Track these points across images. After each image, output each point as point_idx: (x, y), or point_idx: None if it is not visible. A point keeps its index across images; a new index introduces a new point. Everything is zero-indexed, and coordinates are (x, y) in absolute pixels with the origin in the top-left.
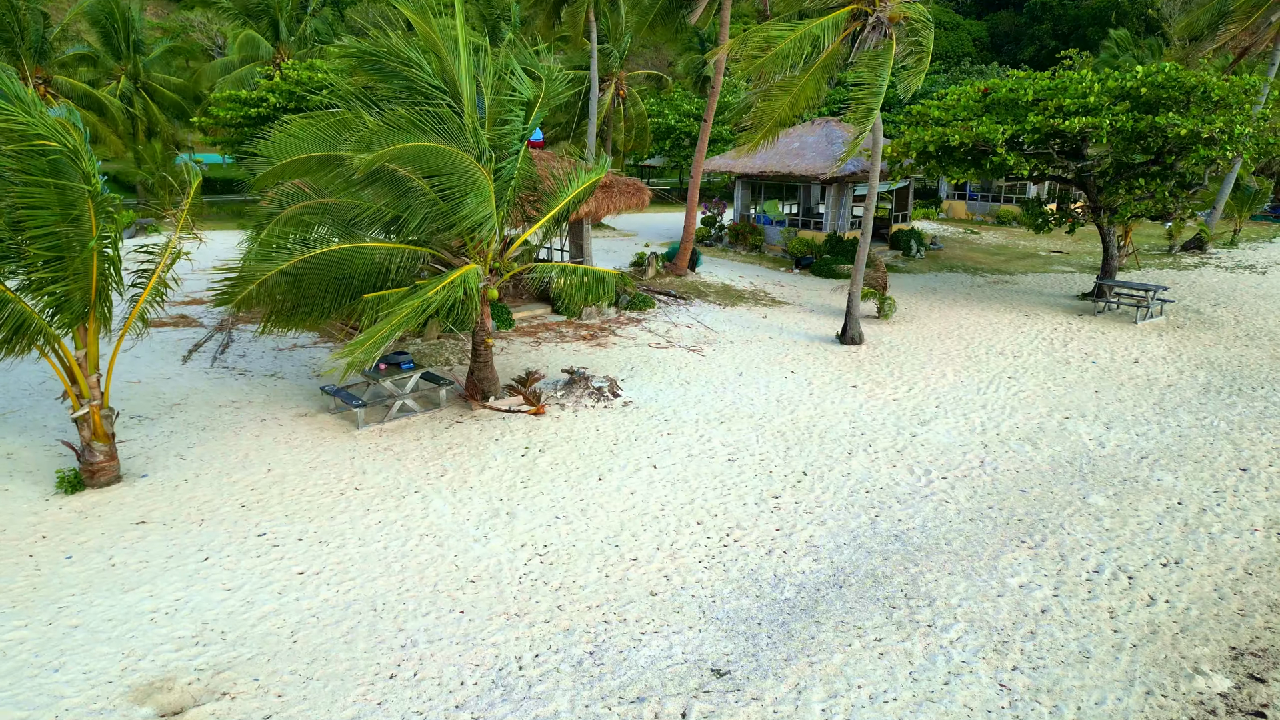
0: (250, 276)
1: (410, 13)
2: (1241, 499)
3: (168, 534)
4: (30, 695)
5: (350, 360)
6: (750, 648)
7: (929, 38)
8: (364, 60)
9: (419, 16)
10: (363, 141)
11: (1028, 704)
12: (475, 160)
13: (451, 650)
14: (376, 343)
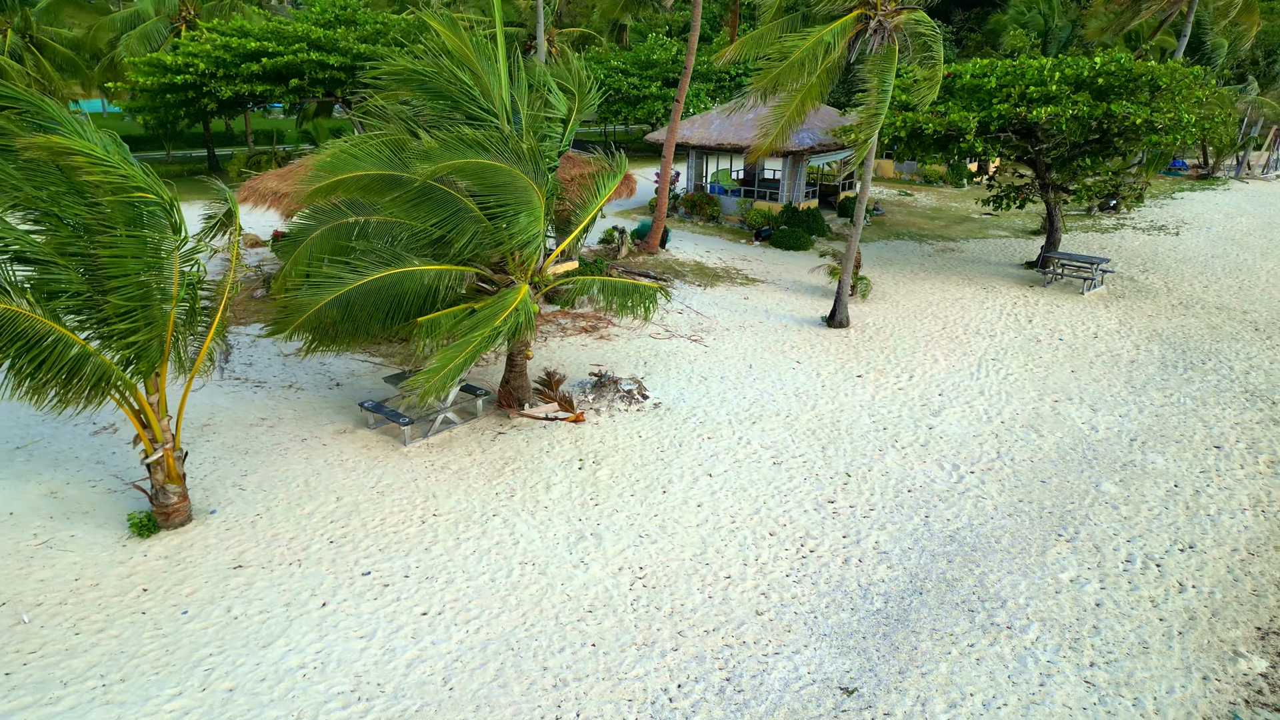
0: (302, 307)
1: (443, 29)
2: (1224, 478)
3: (272, 578)
4: None
5: (426, 390)
6: (865, 663)
7: (939, 49)
8: (411, 79)
9: (451, 31)
10: (426, 154)
11: (1114, 698)
12: (531, 180)
13: (601, 688)
14: (452, 373)
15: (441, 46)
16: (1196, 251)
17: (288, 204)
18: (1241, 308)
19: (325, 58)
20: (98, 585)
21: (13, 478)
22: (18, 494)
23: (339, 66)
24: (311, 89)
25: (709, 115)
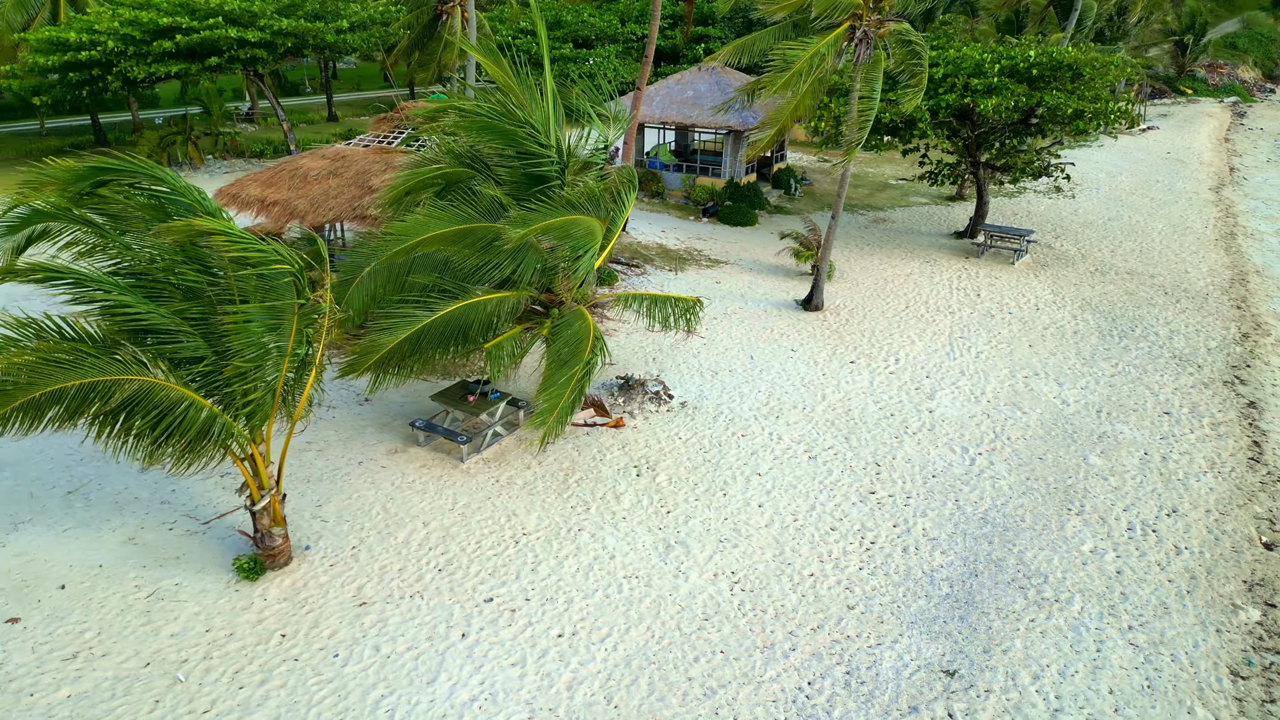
0: (378, 346)
1: (489, 64)
2: (1181, 442)
3: (401, 613)
4: None
5: (547, 430)
6: (954, 646)
7: (925, 56)
8: (475, 122)
9: (495, 64)
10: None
11: (1158, 656)
12: (599, 220)
13: (745, 692)
14: (563, 413)
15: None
16: (1094, 215)
17: (278, 214)
18: (1148, 272)
19: (244, 33)
20: (233, 635)
21: (82, 526)
22: (95, 543)
23: (258, 42)
24: (230, 66)
25: (649, 92)
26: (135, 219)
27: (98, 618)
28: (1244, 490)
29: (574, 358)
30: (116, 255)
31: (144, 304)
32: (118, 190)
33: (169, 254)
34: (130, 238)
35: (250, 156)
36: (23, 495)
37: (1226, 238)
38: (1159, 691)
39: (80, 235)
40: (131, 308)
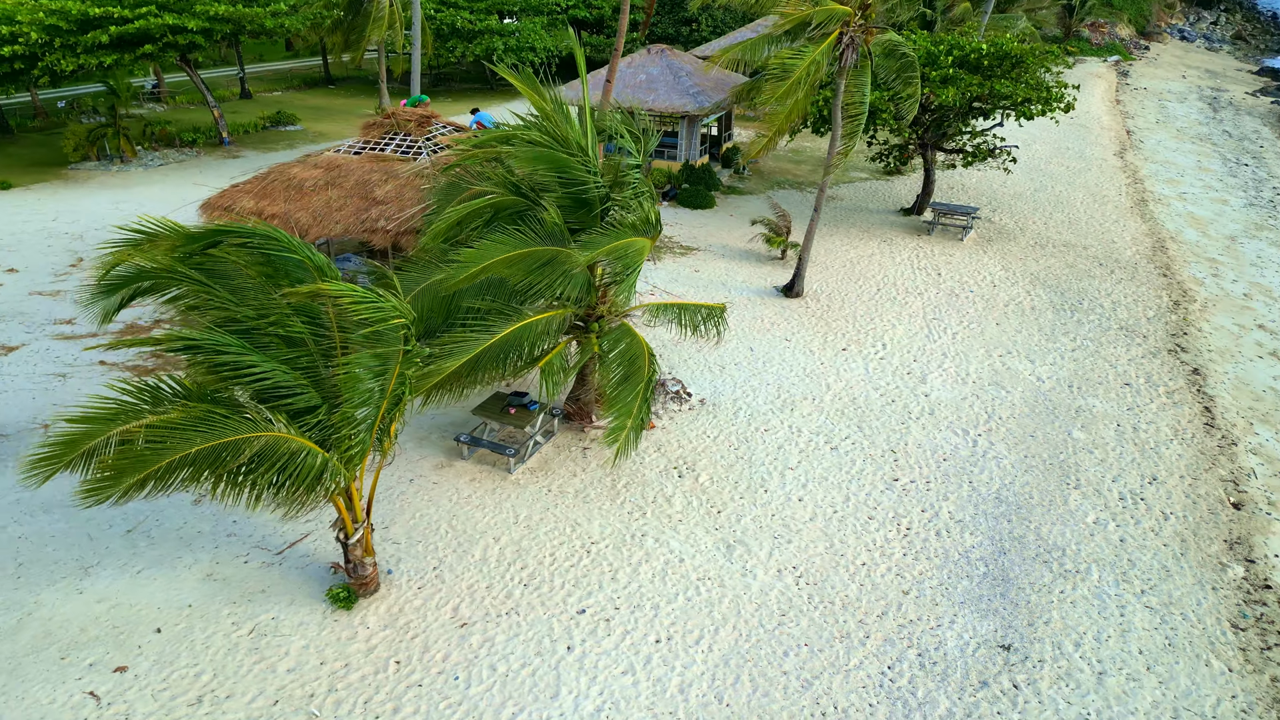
0: (438, 371)
1: (531, 94)
2: (1145, 412)
3: (503, 630)
4: None
5: (620, 447)
6: (1003, 621)
7: (917, 65)
8: (534, 153)
9: (535, 93)
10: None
11: (1171, 616)
12: (647, 239)
13: (837, 680)
14: (634, 428)
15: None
16: (1022, 186)
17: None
18: (1080, 243)
19: (181, 20)
20: (348, 665)
21: (154, 565)
22: (175, 582)
23: (197, 30)
24: (164, 54)
25: (601, 74)
26: (241, 276)
27: (208, 659)
28: (1206, 455)
29: (635, 373)
30: (224, 312)
31: (269, 362)
32: (228, 250)
33: (279, 309)
34: (230, 291)
35: (182, 145)
36: (80, 537)
37: (1139, 205)
38: (1179, 648)
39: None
40: (257, 367)
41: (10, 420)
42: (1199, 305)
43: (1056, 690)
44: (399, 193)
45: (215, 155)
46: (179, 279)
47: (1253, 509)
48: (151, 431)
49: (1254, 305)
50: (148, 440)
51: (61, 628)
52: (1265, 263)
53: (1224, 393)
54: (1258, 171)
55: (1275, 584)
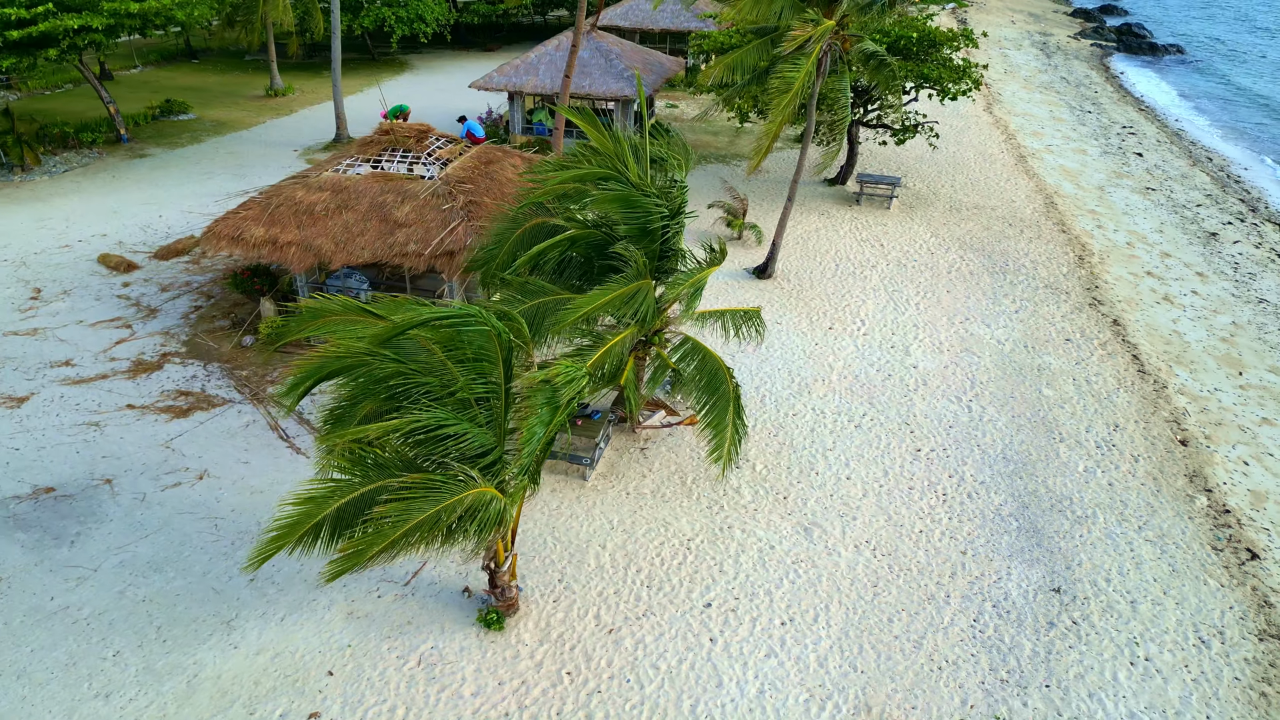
0: None
1: (587, 128)
2: (1089, 365)
3: (649, 631)
4: None
5: (725, 459)
6: (1047, 569)
7: (899, 73)
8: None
9: (595, 129)
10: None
11: (1168, 546)
12: (716, 264)
13: (942, 639)
14: (734, 439)
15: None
16: (920, 149)
17: (298, 256)
18: (988, 205)
19: (85, 19)
20: (525, 682)
21: (294, 610)
22: (322, 624)
23: (102, 28)
24: (69, 56)
25: (530, 61)
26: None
27: (392, 694)
28: (1148, 400)
29: (720, 386)
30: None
31: (469, 425)
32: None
33: (464, 376)
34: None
35: (81, 147)
36: (206, 592)
37: (1020, 161)
38: (1181, 573)
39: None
40: (468, 434)
41: (68, 478)
42: (1097, 258)
43: (1105, 621)
44: (420, 214)
45: (119, 155)
46: (376, 362)
47: (1195, 444)
48: (393, 506)
49: (1138, 253)
50: (391, 514)
51: (234, 684)
52: (1134, 210)
53: (1142, 340)
54: (1100, 118)
55: (1232, 507)
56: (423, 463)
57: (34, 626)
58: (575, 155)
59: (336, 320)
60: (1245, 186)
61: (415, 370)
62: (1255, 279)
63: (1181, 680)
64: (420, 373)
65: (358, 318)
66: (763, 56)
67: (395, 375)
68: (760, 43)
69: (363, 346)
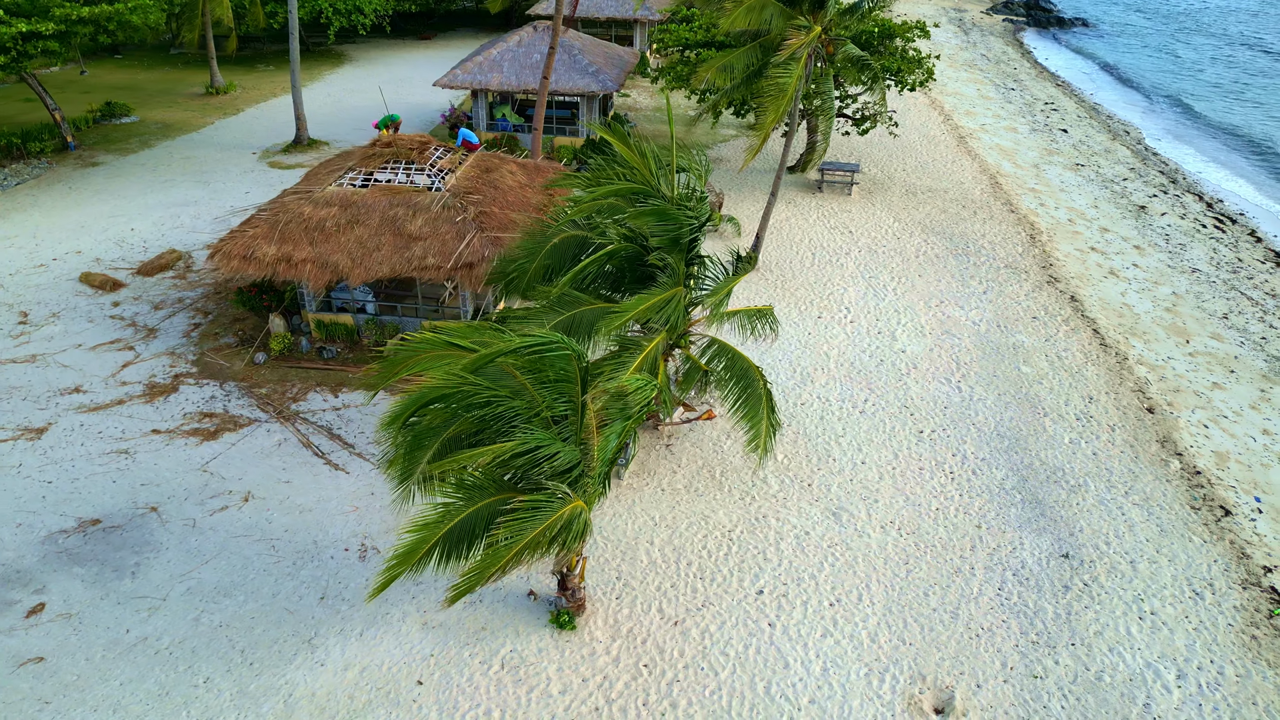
0: None
1: (622, 147)
2: (1056, 341)
3: (711, 620)
4: None
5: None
6: (1054, 536)
7: (880, 77)
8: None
9: (627, 147)
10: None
11: (1153, 508)
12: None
13: (973, 607)
14: (769, 432)
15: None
16: (871, 137)
17: (315, 272)
18: (940, 187)
19: (37, 25)
20: (607, 677)
21: (370, 624)
22: (400, 636)
23: (53, 35)
24: (20, 64)
25: (493, 58)
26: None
27: (484, 698)
28: (1113, 371)
29: (752, 384)
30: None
31: (566, 447)
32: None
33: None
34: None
35: (28, 158)
36: (280, 614)
37: (961, 142)
38: (1169, 533)
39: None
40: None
41: (111, 508)
42: (1046, 236)
43: (1112, 581)
44: (433, 227)
45: (69, 164)
46: (471, 389)
47: (1161, 412)
48: (508, 526)
49: (1080, 229)
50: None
51: (330, 700)
52: (1069, 187)
53: (1098, 314)
54: (1024, 95)
55: (1202, 469)
56: (515, 482)
57: (117, 659)
58: (601, 169)
59: (426, 356)
60: (1163, 159)
61: (506, 395)
62: (1186, 249)
63: (1185, 630)
64: (509, 397)
65: (445, 351)
66: (753, 60)
67: (488, 401)
68: (750, 47)
69: (460, 376)
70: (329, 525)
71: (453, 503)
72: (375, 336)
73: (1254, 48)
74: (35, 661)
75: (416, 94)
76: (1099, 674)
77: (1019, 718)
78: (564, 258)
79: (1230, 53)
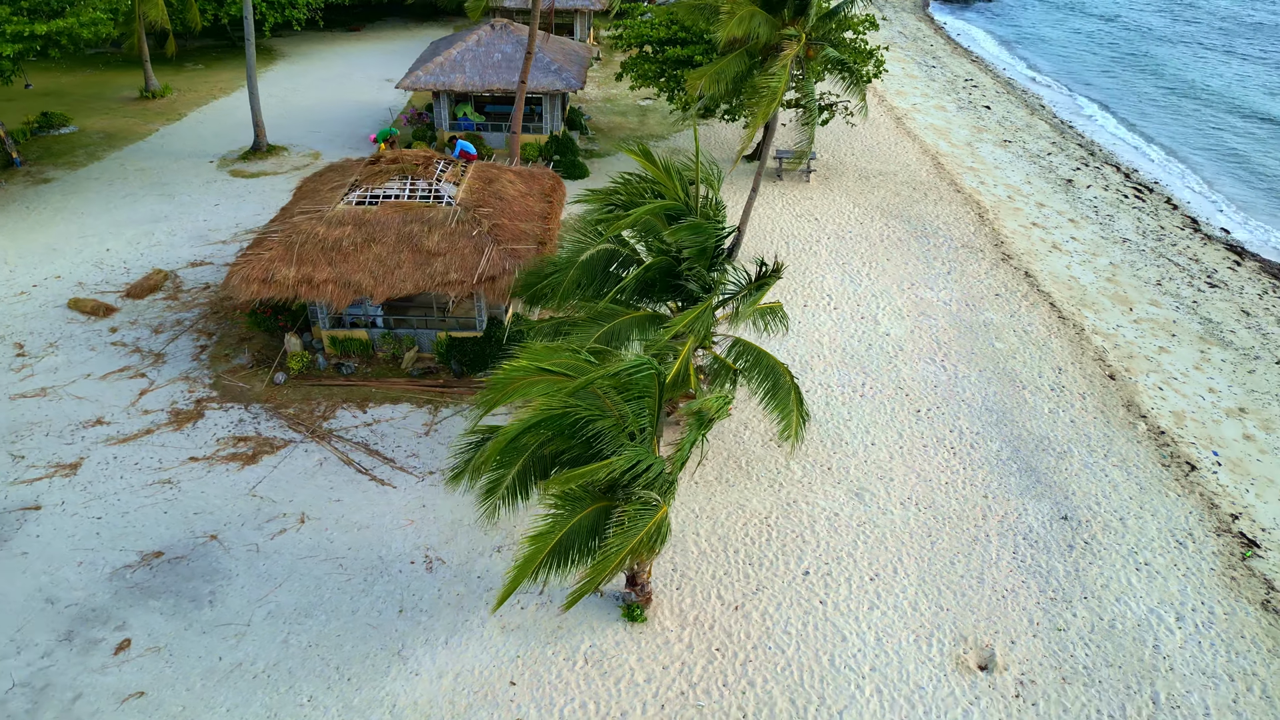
0: None
1: (650, 167)
2: (1020, 317)
3: (769, 602)
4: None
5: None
6: (1051, 501)
7: (861, 77)
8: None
9: (654, 167)
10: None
11: (1131, 468)
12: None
13: (994, 571)
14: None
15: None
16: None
17: (338, 293)
18: (889, 170)
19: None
20: (685, 663)
21: (453, 632)
22: (485, 641)
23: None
24: None
25: (454, 59)
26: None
27: (577, 691)
28: (1074, 342)
29: (780, 379)
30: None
31: (658, 459)
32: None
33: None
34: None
35: None
36: (364, 629)
37: (899, 123)
38: (1148, 490)
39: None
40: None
41: (170, 539)
42: (992, 214)
43: (1108, 538)
44: (450, 242)
45: (18, 182)
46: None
47: (1121, 378)
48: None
49: (1019, 206)
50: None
51: (433, 708)
52: (1002, 164)
53: (1052, 288)
54: (944, 72)
55: (1165, 429)
56: (605, 492)
57: (217, 687)
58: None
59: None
60: (1078, 131)
61: (600, 413)
62: (1114, 220)
63: (1176, 577)
64: (603, 415)
65: (539, 377)
66: (741, 66)
67: (589, 420)
68: (739, 54)
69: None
70: (389, 540)
71: (559, 514)
72: (393, 349)
73: (1132, 29)
74: (137, 696)
75: (361, 91)
76: (1112, 622)
77: (1053, 667)
78: (594, 271)
79: (1111, 30)
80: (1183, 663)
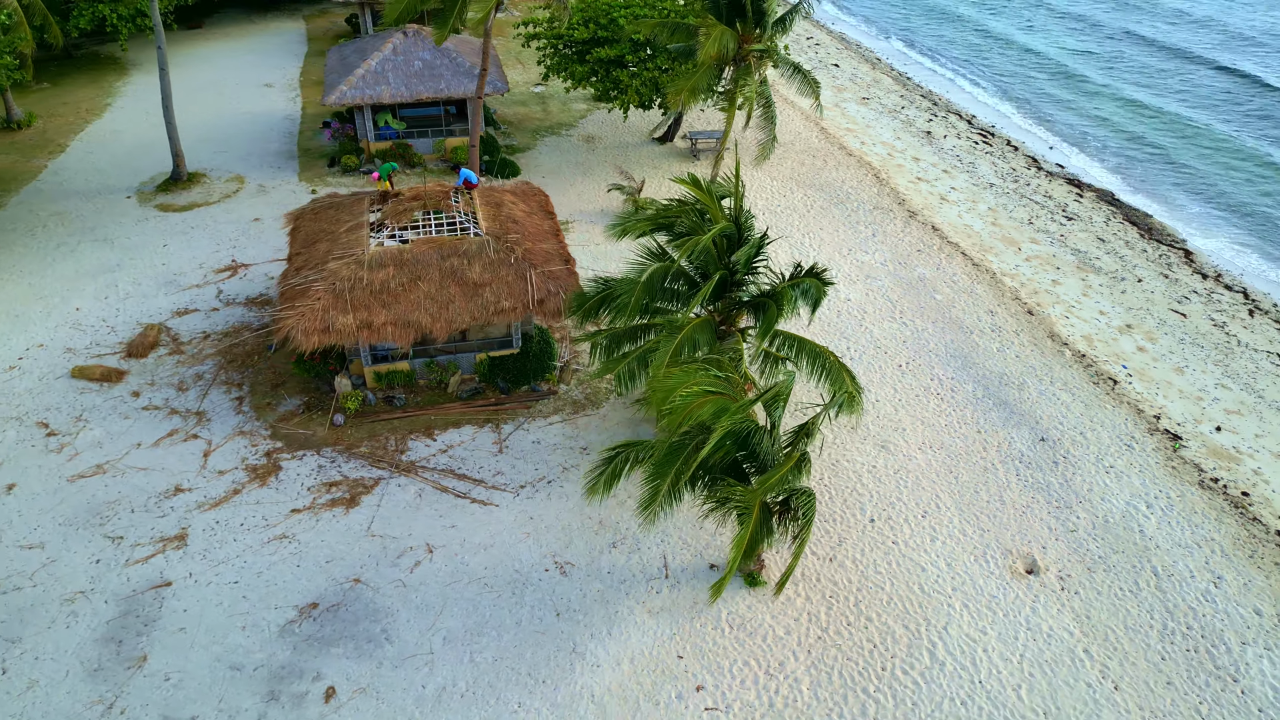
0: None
1: (697, 191)
2: (944, 268)
3: (853, 549)
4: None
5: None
6: (1030, 428)
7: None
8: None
9: (698, 190)
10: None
11: (1076, 390)
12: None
13: (1011, 493)
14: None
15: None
16: None
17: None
18: (785, 140)
19: None
20: (810, 614)
21: (611, 623)
22: (640, 627)
23: None
24: None
25: (373, 69)
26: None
27: (738, 654)
28: (993, 286)
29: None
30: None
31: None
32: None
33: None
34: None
35: None
36: (534, 635)
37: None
38: (1090, 405)
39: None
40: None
41: (317, 590)
42: (883, 174)
43: (1078, 450)
44: (493, 272)
45: None
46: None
47: (1037, 312)
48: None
49: (901, 162)
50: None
51: (625, 690)
52: (871, 122)
53: (957, 238)
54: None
55: (1084, 352)
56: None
57: (433, 711)
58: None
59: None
60: (916, 81)
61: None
62: (976, 166)
63: (1136, 474)
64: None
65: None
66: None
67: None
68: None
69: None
70: (516, 554)
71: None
72: (439, 376)
73: None
74: None
75: (245, 101)
76: (1105, 518)
77: (1079, 561)
78: (655, 287)
79: None
80: (1163, 540)
